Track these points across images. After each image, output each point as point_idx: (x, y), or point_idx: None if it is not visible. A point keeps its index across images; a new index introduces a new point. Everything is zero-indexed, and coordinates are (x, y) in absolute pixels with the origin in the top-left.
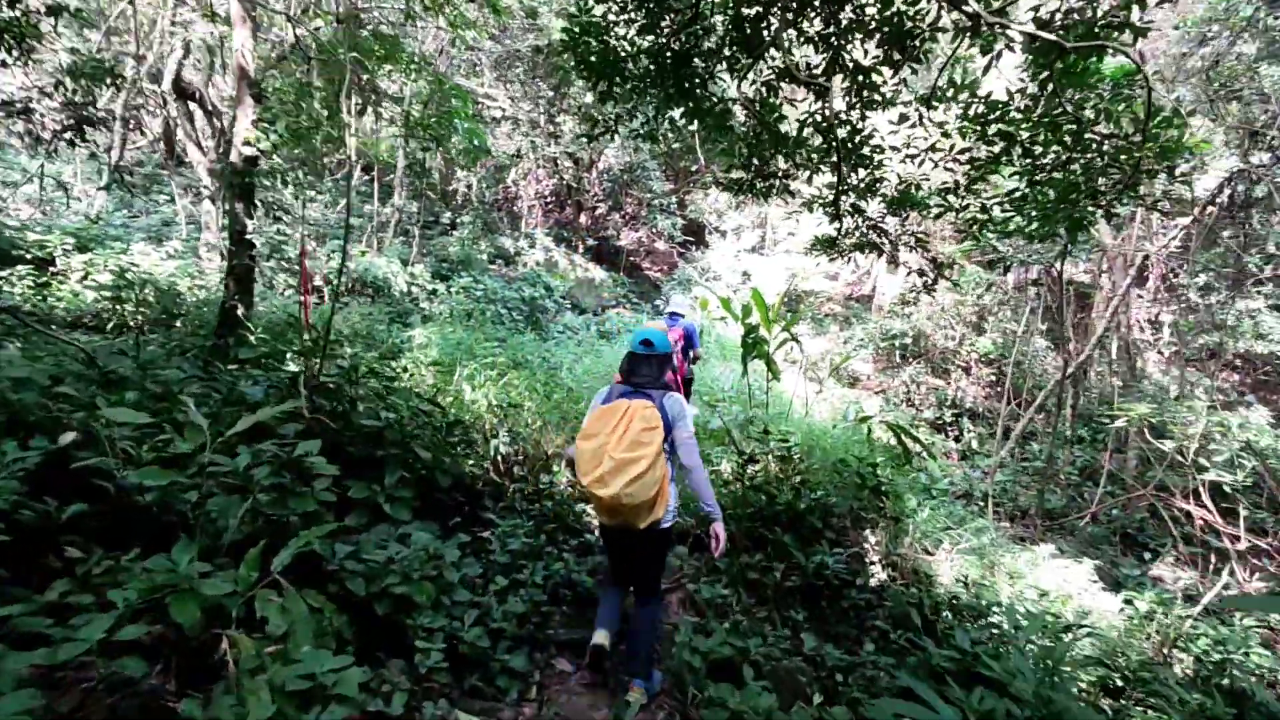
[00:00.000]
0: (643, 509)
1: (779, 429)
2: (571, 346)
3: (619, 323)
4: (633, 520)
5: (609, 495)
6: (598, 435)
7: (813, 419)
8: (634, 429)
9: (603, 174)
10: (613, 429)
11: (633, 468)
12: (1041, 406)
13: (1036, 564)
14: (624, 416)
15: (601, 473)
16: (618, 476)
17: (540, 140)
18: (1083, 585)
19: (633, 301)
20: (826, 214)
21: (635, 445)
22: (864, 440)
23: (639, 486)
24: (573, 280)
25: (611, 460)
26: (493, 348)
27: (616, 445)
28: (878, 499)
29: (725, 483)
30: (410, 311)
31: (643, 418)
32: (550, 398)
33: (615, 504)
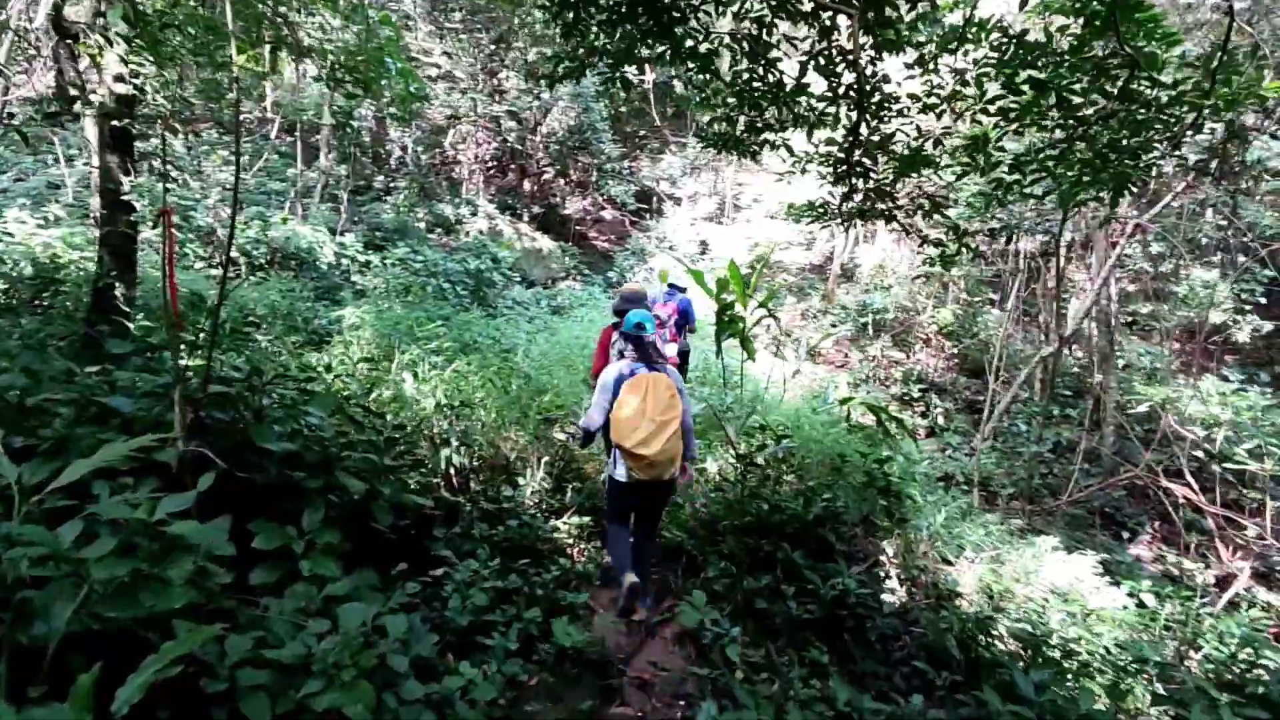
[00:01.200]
0: (673, 462)
1: (770, 420)
2: (523, 324)
3: (571, 297)
4: (664, 473)
5: (654, 453)
6: (633, 404)
7: (791, 402)
8: (664, 396)
9: (548, 137)
10: (644, 397)
11: (669, 427)
12: (1028, 381)
13: (1040, 558)
14: (651, 386)
15: (645, 435)
16: (659, 435)
17: (481, 98)
18: (1090, 581)
19: (584, 273)
20: (830, 174)
21: (669, 409)
22: (844, 424)
23: (675, 442)
24: (519, 251)
25: (652, 423)
26: (436, 328)
27: (654, 410)
28: (889, 501)
29: (717, 487)
30: (340, 286)
31: (668, 386)
32: (508, 389)
33: (658, 459)
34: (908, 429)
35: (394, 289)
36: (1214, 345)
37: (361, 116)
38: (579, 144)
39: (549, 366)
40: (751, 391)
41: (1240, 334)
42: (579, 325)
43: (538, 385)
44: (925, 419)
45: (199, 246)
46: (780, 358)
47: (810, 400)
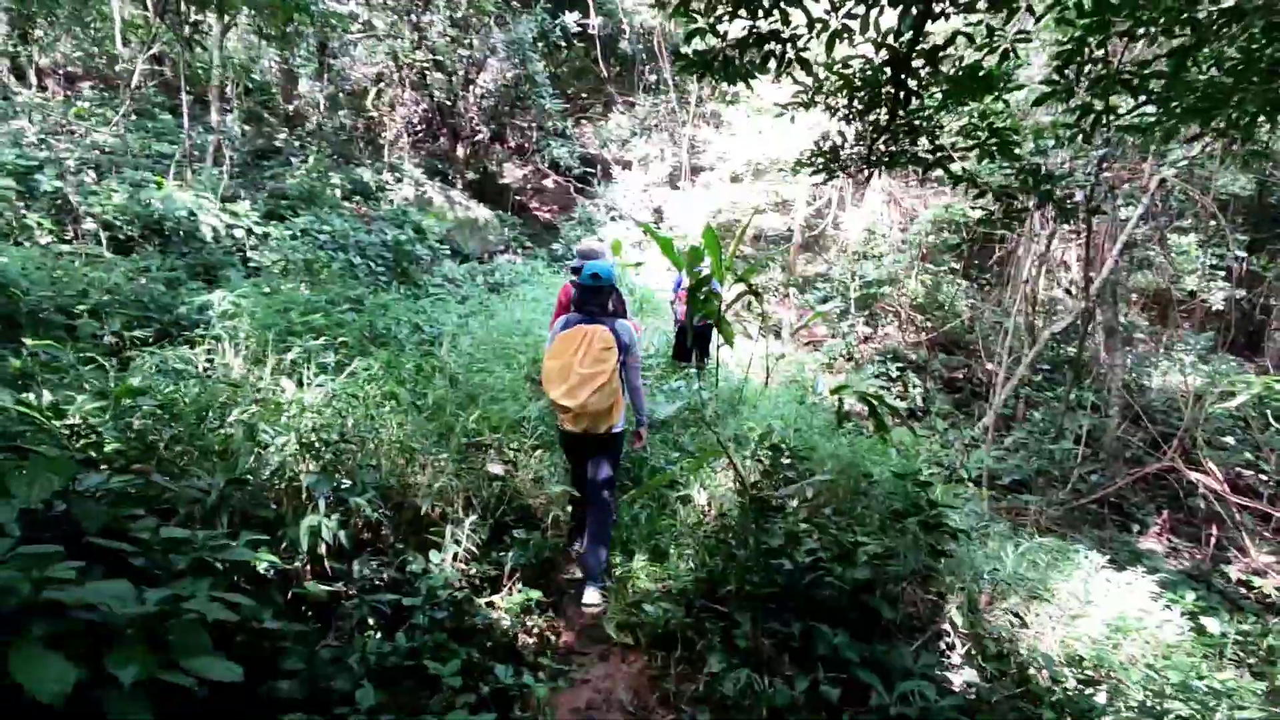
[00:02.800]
0: (602, 415)
1: (755, 415)
2: (454, 305)
3: (512, 272)
4: (594, 426)
5: (576, 404)
6: (563, 356)
7: (774, 392)
8: (595, 348)
9: (481, 98)
10: (575, 349)
11: (595, 380)
12: (1034, 364)
13: (1088, 581)
14: (585, 339)
15: (569, 386)
16: (583, 388)
17: (403, 47)
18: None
19: (525, 245)
20: (853, 105)
21: (597, 362)
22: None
23: (600, 396)
24: (452, 221)
25: (578, 375)
26: (341, 314)
27: (581, 362)
28: (936, 538)
29: (716, 536)
30: (225, 264)
31: (601, 338)
32: (425, 398)
33: (581, 411)
34: (906, 422)
35: (294, 266)
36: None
37: (265, 69)
38: (516, 99)
39: (484, 362)
40: (728, 382)
41: (1215, 302)
42: (522, 306)
43: (468, 391)
44: (904, 401)
45: (43, 217)
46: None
47: (791, 388)
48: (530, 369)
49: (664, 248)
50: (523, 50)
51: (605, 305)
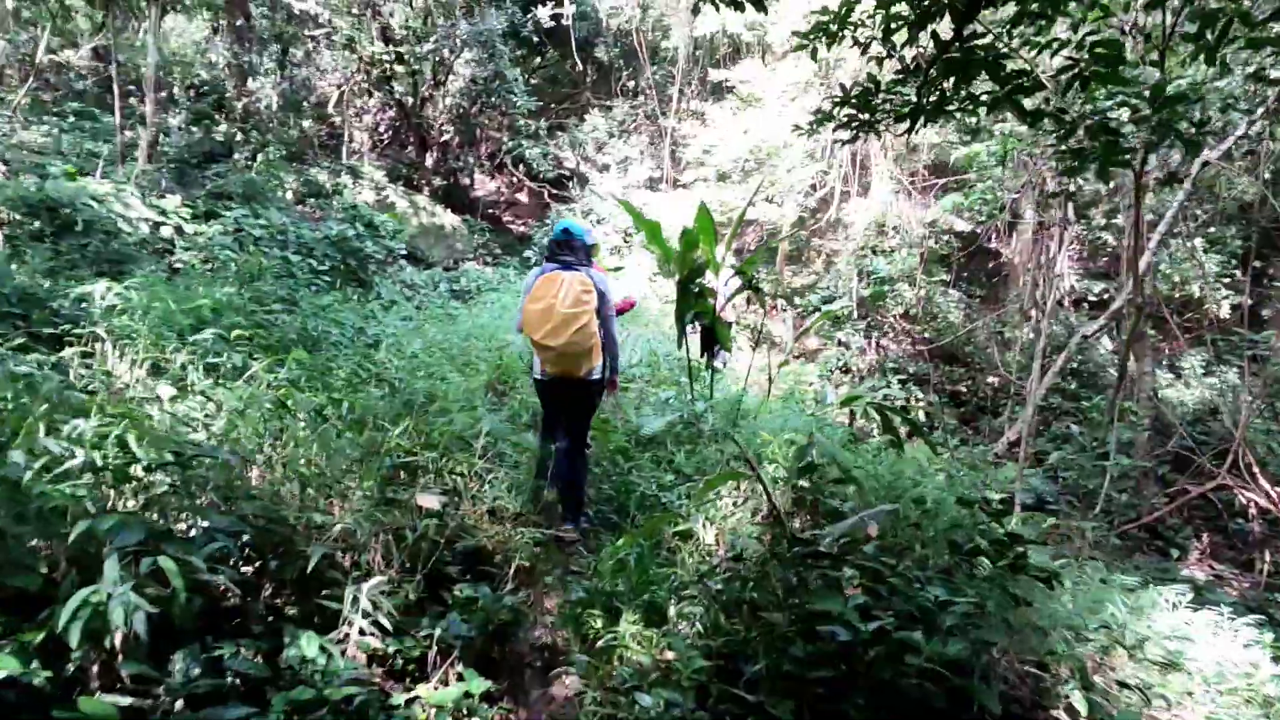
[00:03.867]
0: (583, 357)
1: (755, 430)
2: (409, 308)
3: (478, 279)
4: (574, 369)
5: (560, 344)
6: (543, 298)
7: (772, 405)
8: (575, 291)
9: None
10: (555, 293)
11: (577, 320)
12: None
13: (1172, 625)
14: (564, 282)
15: (553, 325)
16: (566, 328)
17: (364, 38)
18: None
19: (494, 254)
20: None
21: (577, 303)
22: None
23: (582, 335)
24: (416, 227)
25: (560, 315)
26: (268, 315)
27: (562, 304)
28: (1025, 585)
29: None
30: (133, 258)
31: (581, 282)
32: (339, 408)
33: (565, 350)
34: (926, 437)
35: (221, 264)
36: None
37: (214, 65)
38: (485, 94)
39: (434, 368)
40: (724, 393)
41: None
42: (488, 312)
43: (406, 401)
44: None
45: None
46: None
47: (792, 401)
48: (492, 375)
49: (650, 233)
50: (491, 43)
51: (577, 258)
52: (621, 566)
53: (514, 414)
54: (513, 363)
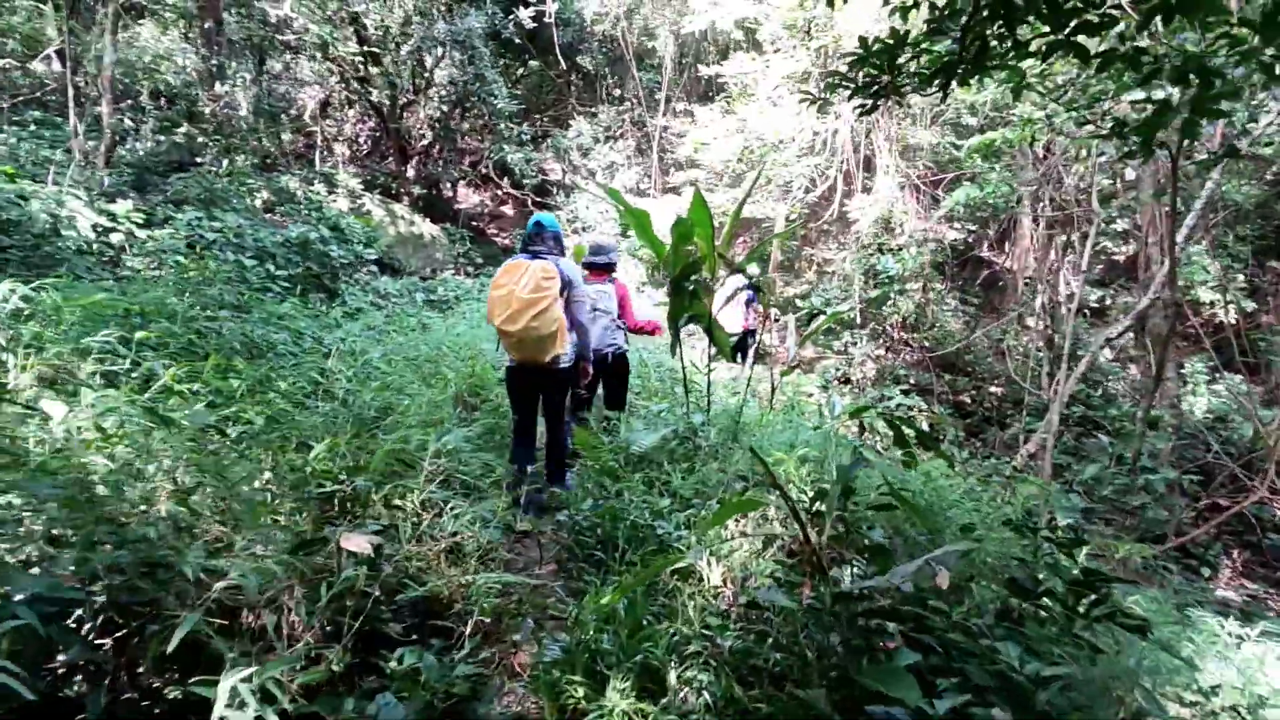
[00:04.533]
0: (545, 342)
1: (759, 442)
2: (377, 317)
3: (457, 288)
4: (537, 354)
5: (518, 329)
6: (505, 285)
7: (781, 420)
8: (535, 277)
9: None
10: (517, 280)
11: (535, 305)
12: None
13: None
14: (526, 270)
15: (511, 312)
16: (524, 314)
17: (338, 44)
18: None
19: (475, 264)
20: None
21: (538, 289)
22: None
23: (541, 321)
24: (393, 236)
25: (519, 300)
26: (211, 322)
27: (522, 290)
28: (1118, 634)
29: (765, 668)
30: (69, 263)
31: (543, 269)
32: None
33: (524, 336)
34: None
35: (171, 269)
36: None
37: (181, 69)
38: (465, 97)
39: (395, 379)
40: (721, 406)
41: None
42: (464, 321)
43: (355, 416)
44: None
45: None
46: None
47: (791, 413)
48: (463, 387)
49: (638, 226)
50: (471, 44)
51: (548, 248)
52: (609, 617)
53: (487, 430)
54: (487, 373)
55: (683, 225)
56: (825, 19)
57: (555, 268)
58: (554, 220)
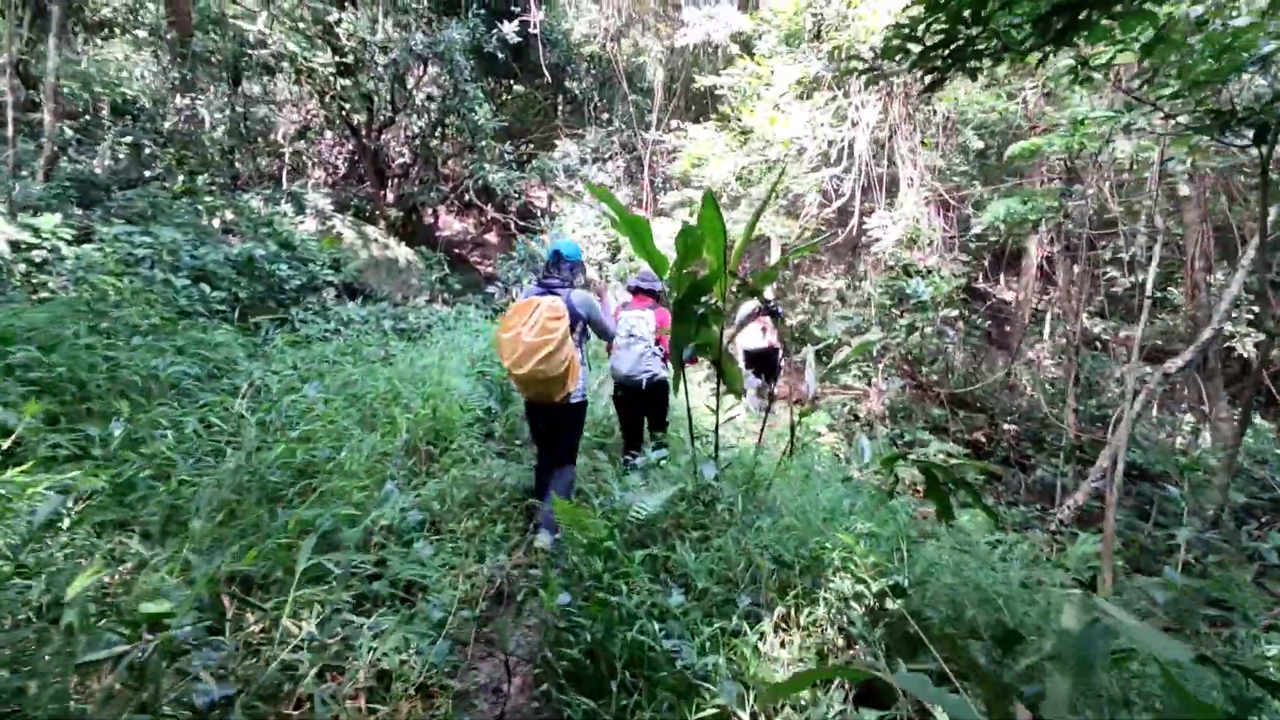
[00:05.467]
0: (554, 383)
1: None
2: (328, 348)
3: (430, 316)
4: (547, 393)
5: (524, 373)
6: (513, 327)
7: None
8: (542, 318)
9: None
10: (524, 321)
11: (539, 350)
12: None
13: None
14: (534, 310)
15: (517, 355)
16: (530, 357)
17: (313, 58)
18: None
19: (454, 291)
20: None
21: (543, 331)
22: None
23: (548, 364)
24: (364, 260)
25: (524, 344)
26: (113, 350)
27: (528, 332)
28: None
29: None
30: None
31: (550, 308)
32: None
33: (530, 379)
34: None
35: (91, 290)
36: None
37: (141, 79)
38: (445, 113)
39: (331, 424)
40: (730, 449)
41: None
42: (432, 352)
43: (262, 475)
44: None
45: None
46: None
47: (807, 457)
48: (418, 434)
49: (635, 237)
50: (451, 56)
51: (565, 279)
52: None
53: (443, 493)
54: (453, 414)
55: (691, 236)
56: (838, 19)
57: (564, 305)
58: (575, 248)
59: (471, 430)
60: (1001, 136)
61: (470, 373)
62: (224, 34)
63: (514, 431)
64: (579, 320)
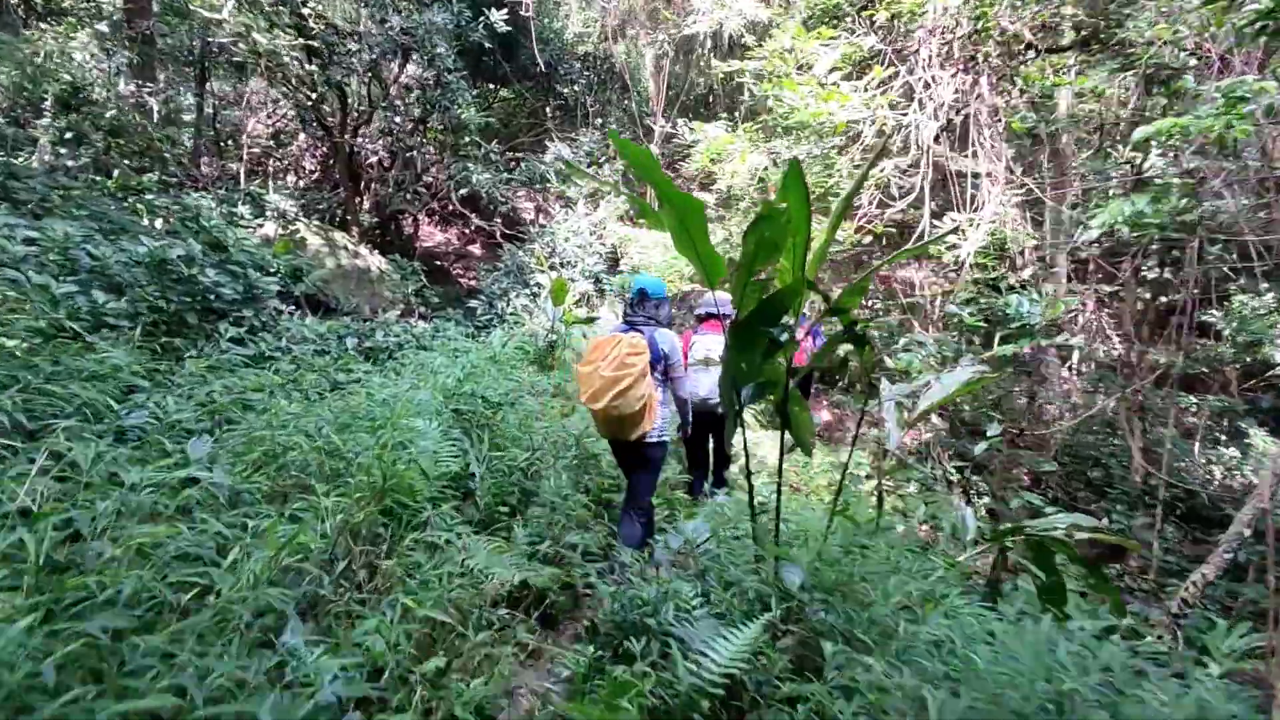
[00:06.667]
0: (628, 421)
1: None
2: (264, 380)
3: (401, 333)
4: (622, 432)
5: (599, 408)
6: (593, 362)
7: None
8: (621, 354)
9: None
10: (604, 356)
11: (615, 385)
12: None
13: None
14: (615, 345)
15: (593, 390)
16: (606, 392)
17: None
18: None
19: (432, 304)
20: None
21: (621, 367)
22: None
23: (624, 401)
24: (330, 270)
25: (600, 379)
26: None
27: (606, 367)
28: None
29: None
30: None
31: (630, 345)
32: None
33: (606, 415)
34: (1112, 590)
35: None
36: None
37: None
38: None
39: (211, 514)
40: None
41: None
42: (400, 380)
43: None
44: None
45: None
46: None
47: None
48: (363, 513)
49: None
50: (431, 42)
51: (649, 316)
52: None
53: (387, 637)
54: (407, 477)
55: (771, 227)
56: None
57: (646, 341)
58: (660, 284)
59: (444, 498)
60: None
61: (444, 410)
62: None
63: (501, 495)
64: (660, 359)
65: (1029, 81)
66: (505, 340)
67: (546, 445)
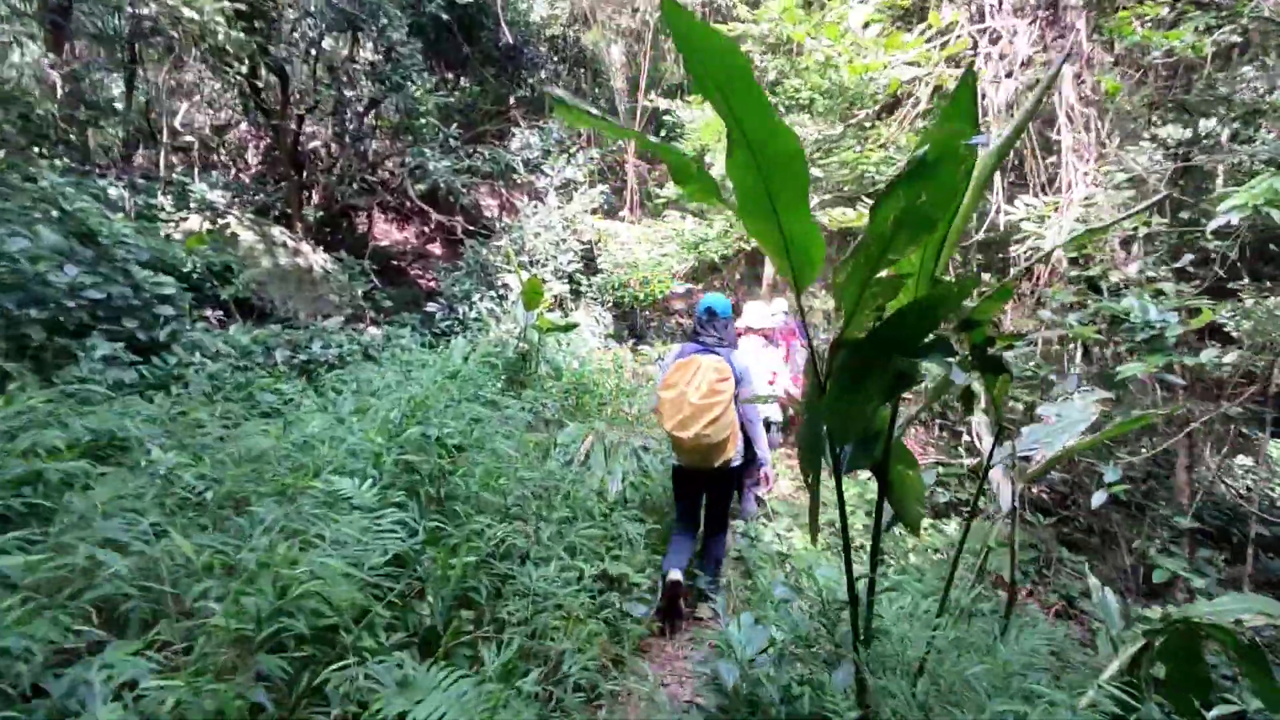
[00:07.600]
0: (716, 449)
1: None
2: (128, 421)
3: (344, 343)
4: (708, 460)
5: (689, 437)
6: (676, 386)
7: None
8: (709, 379)
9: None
10: (689, 380)
11: (709, 413)
12: None
13: None
14: (697, 370)
15: (683, 417)
16: (697, 420)
17: (202, 8)
18: None
19: (385, 308)
20: None
21: (711, 393)
22: None
23: (715, 429)
24: (265, 269)
25: (691, 406)
26: None
27: (694, 393)
28: None
29: None
30: None
31: (715, 369)
32: None
33: (695, 445)
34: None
35: None
36: None
37: None
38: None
39: None
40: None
41: None
42: (343, 404)
43: None
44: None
45: None
46: None
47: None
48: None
49: (766, 151)
50: (382, 9)
51: (720, 337)
52: None
53: None
54: (312, 591)
55: (930, 183)
56: None
57: (730, 365)
58: (726, 304)
59: (374, 603)
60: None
61: (386, 454)
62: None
63: (461, 589)
64: (739, 383)
65: (1120, 34)
66: (469, 351)
67: (529, 503)
